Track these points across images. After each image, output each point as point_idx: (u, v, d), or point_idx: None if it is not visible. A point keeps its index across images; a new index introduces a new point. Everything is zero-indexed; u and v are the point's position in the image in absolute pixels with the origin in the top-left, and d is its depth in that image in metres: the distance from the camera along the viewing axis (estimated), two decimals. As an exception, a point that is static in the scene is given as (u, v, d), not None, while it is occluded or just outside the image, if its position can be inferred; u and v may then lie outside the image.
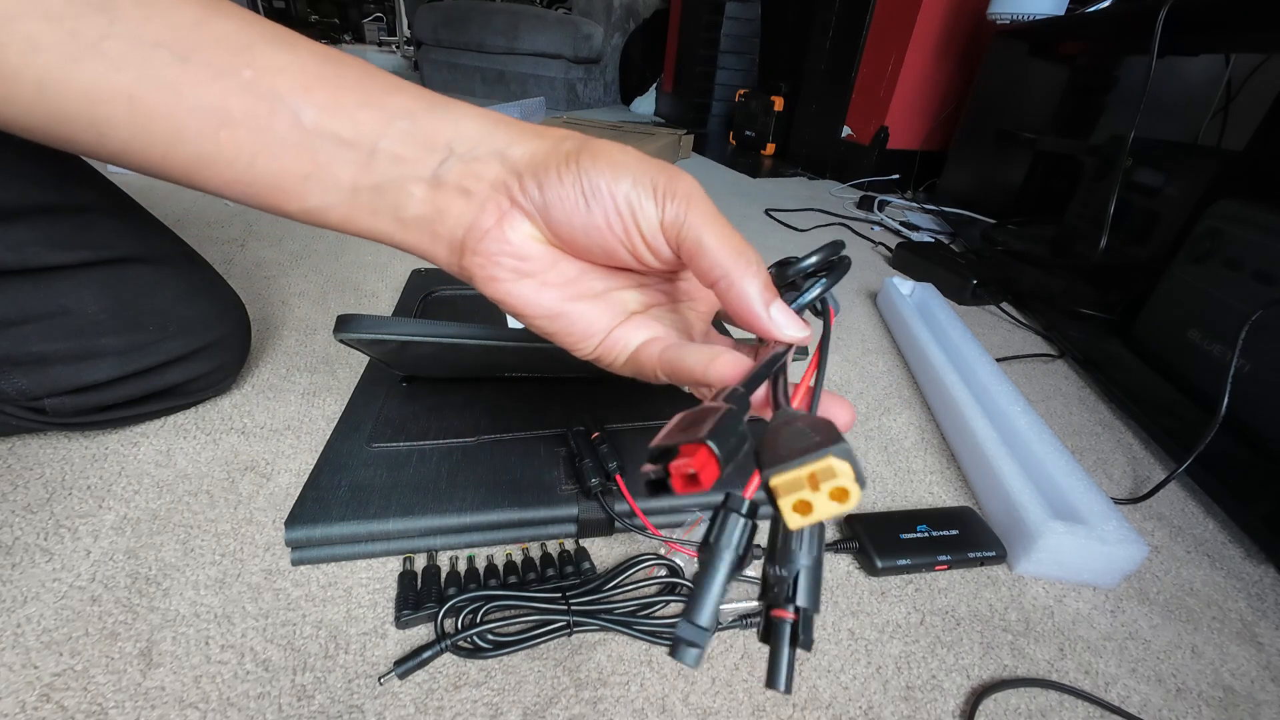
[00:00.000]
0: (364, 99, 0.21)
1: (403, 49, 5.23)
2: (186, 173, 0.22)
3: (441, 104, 0.22)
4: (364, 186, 0.21)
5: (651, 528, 0.35)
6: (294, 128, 0.20)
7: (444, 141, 0.21)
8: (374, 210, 0.22)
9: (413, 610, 0.30)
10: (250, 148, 0.21)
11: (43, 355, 0.35)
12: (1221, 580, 0.40)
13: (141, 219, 0.40)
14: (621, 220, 0.21)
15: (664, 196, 0.20)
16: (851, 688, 0.30)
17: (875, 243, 1.06)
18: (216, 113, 0.20)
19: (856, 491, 0.14)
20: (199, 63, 0.20)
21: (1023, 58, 1.13)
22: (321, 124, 0.20)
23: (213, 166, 0.21)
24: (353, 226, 0.23)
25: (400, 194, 0.22)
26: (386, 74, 0.22)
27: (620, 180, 0.20)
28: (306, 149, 0.21)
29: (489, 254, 0.22)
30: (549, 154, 0.21)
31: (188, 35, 0.20)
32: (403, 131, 0.21)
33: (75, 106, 0.20)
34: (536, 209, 0.21)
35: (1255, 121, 0.68)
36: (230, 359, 0.44)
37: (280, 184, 0.21)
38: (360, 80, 0.21)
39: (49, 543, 0.33)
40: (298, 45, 0.21)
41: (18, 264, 0.33)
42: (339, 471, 0.36)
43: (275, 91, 0.20)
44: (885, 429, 0.52)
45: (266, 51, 0.20)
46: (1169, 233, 0.77)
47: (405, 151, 0.21)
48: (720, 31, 2.03)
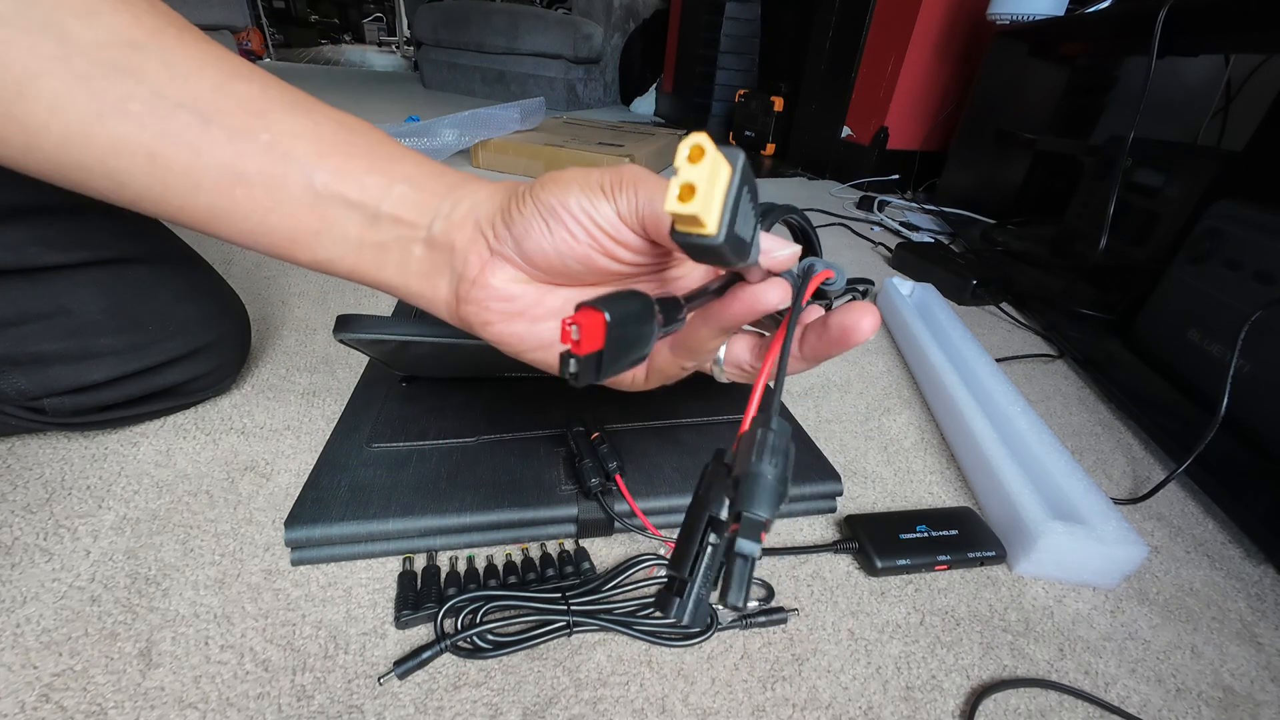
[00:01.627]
0: (371, 165, 0.23)
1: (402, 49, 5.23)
2: (202, 222, 0.23)
3: (439, 171, 0.24)
4: (369, 243, 0.23)
5: (651, 528, 0.35)
6: (306, 189, 0.22)
7: (435, 205, 0.23)
8: (379, 264, 0.24)
9: (412, 610, 0.30)
10: (264, 204, 0.22)
11: (42, 355, 0.35)
12: (1221, 580, 0.40)
13: (140, 219, 0.40)
14: (583, 227, 0.21)
15: (612, 190, 0.21)
16: (851, 688, 0.30)
17: (875, 243, 1.06)
18: (233, 171, 0.22)
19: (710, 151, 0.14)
20: (219, 125, 0.21)
21: (1022, 58, 1.13)
22: (332, 187, 0.22)
23: (228, 218, 0.23)
24: (360, 277, 0.25)
25: (402, 252, 0.24)
26: (394, 142, 0.24)
27: (569, 194, 0.21)
28: (317, 208, 0.23)
29: (478, 301, 0.23)
30: (508, 197, 0.22)
31: (209, 98, 0.21)
32: (402, 196, 0.23)
33: (96, 159, 0.21)
34: (512, 249, 0.22)
35: (1255, 122, 0.68)
36: (230, 359, 0.44)
37: (293, 237, 0.23)
38: (370, 148, 0.23)
39: (48, 543, 0.33)
40: (313, 111, 0.23)
41: (16, 264, 0.33)
42: (339, 471, 0.36)
43: (291, 156, 0.22)
44: (885, 429, 0.52)
45: (284, 118, 0.22)
46: (1169, 233, 0.77)
47: (404, 214, 0.23)
48: (720, 31, 2.03)
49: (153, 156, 0.21)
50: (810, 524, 0.40)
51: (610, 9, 2.54)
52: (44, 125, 0.20)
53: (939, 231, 1.13)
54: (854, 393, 0.57)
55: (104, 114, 0.20)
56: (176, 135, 0.21)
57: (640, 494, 0.36)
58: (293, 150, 0.22)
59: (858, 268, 0.93)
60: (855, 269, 0.92)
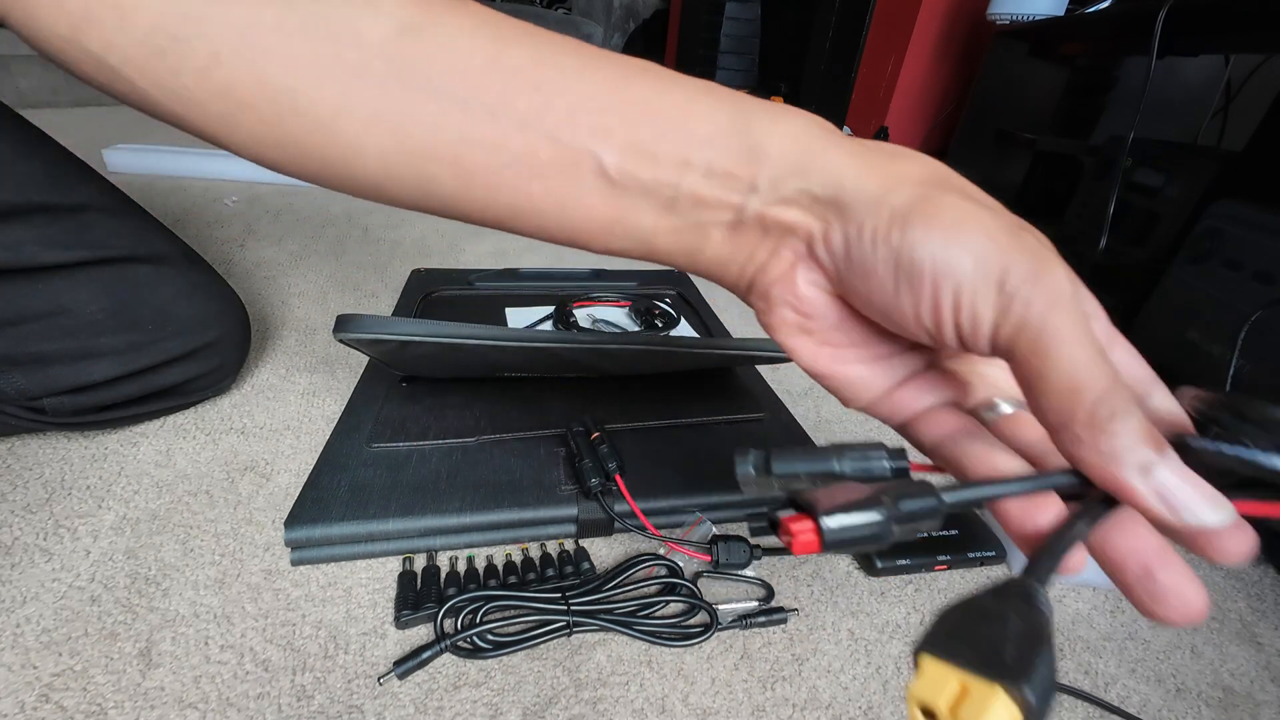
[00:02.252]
0: (660, 129, 0.19)
1: (402, 49, 5.22)
2: (500, 222, 0.21)
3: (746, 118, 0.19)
4: (663, 230, 0.20)
5: (651, 528, 0.35)
6: (599, 176, 0.19)
7: (748, 176, 0.18)
8: (670, 251, 0.21)
9: (412, 610, 0.30)
10: (559, 198, 0.20)
11: (42, 355, 0.35)
12: (1221, 580, 0.40)
13: (140, 218, 0.40)
14: (937, 313, 0.16)
15: (1010, 298, 0.15)
16: (851, 688, 0.30)
17: (875, 243, 1.06)
18: (528, 165, 0.19)
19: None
20: (505, 115, 0.19)
21: (1022, 58, 1.13)
22: (624, 167, 0.19)
23: (525, 216, 0.21)
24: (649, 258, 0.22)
25: (698, 237, 0.20)
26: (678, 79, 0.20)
27: (956, 261, 0.15)
28: (610, 197, 0.20)
29: (773, 299, 0.20)
30: (870, 205, 0.17)
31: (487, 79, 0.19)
32: (705, 168, 0.19)
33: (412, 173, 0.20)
34: (835, 266, 0.18)
35: (1255, 122, 0.68)
36: (230, 359, 0.44)
37: (588, 229, 0.21)
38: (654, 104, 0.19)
39: (48, 543, 0.33)
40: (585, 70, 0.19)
41: (16, 263, 0.33)
42: (339, 472, 0.36)
43: (577, 138, 0.19)
44: (885, 428, 0.52)
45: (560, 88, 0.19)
46: (1169, 233, 0.77)
47: (706, 192, 0.19)
48: (720, 31, 2.03)
49: (456, 161, 0.19)
50: (810, 524, 0.40)
51: (610, 9, 2.54)
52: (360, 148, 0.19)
53: (939, 231, 1.13)
54: (854, 393, 0.57)
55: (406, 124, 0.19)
56: (471, 134, 0.19)
57: (640, 494, 0.36)
58: (577, 130, 0.19)
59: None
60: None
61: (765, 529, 0.39)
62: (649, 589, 0.33)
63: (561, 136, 0.19)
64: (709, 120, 0.19)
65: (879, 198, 0.17)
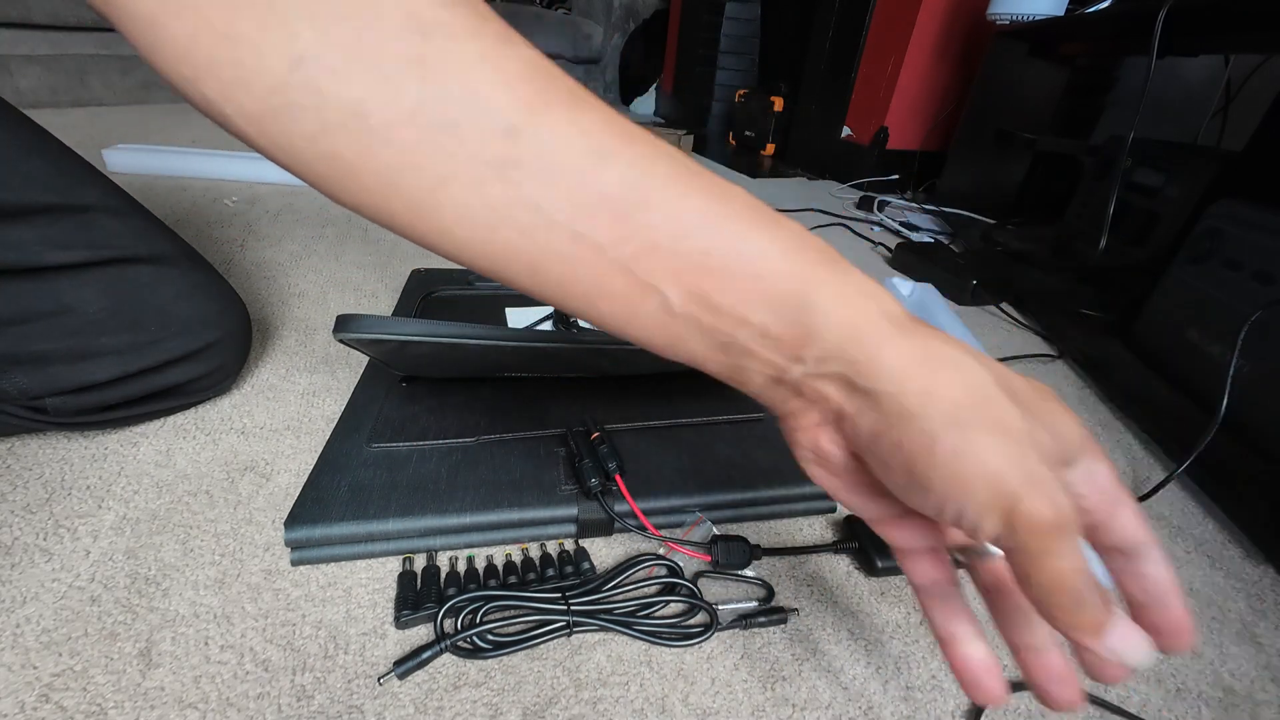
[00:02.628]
0: (728, 285, 0.20)
1: (403, 49, 5.22)
2: (571, 313, 0.22)
3: (809, 289, 0.19)
4: (713, 360, 0.21)
5: (651, 528, 0.35)
6: (663, 310, 0.20)
7: (797, 347, 0.20)
8: (717, 374, 0.22)
9: (412, 611, 0.30)
10: (623, 318, 0.21)
11: (43, 354, 0.35)
12: (1221, 581, 0.40)
13: (142, 219, 0.40)
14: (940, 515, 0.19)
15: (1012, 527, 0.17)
16: (851, 688, 0.30)
17: (875, 243, 1.06)
18: (599, 286, 0.20)
19: None
20: (587, 239, 0.19)
21: (1022, 58, 1.13)
22: (687, 310, 0.20)
23: (590, 318, 0.22)
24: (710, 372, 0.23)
25: (745, 376, 0.21)
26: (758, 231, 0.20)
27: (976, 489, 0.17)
28: (669, 327, 0.21)
29: (797, 441, 0.22)
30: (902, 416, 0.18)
31: (576, 198, 0.19)
32: (760, 329, 0.20)
33: (488, 263, 0.21)
34: (859, 443, 0.20)
35: (1255, 122, 0.68)
36: (230, 359, 0.44)
37: (645, 342, 0.22)
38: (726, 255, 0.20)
39: (48, 543, 0.33)
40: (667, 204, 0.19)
41: (18, 263, 0.33)
42: (339, 472, 0.36)
43: (651, 274, 0.20)
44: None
45: (641, 220, 0.19)
46: (1168, 233, 0.77)
47: (756, 348, 0.20)
48: (720, 31, 2.03)
49: (534, 268, 0.20)
50: (810, 524, 0.40)
51: (610, 9, 2.54)
52: (450, 230, 0.20)
53: (939, 231, 1.13)
54: (854, 393, 0.57)
55: (496, 225, 0.19)
56: (552, 247, 0.19)
57: (640, 494, 0.36)
58: (653, 267, 0.20)
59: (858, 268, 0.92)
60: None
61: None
62: (649, 589, 0.33)
63: (636, 270, 0.20)
64: (774, 283, 0.19)
65: (913, 412, 0.18)
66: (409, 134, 0.18)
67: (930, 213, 1.24)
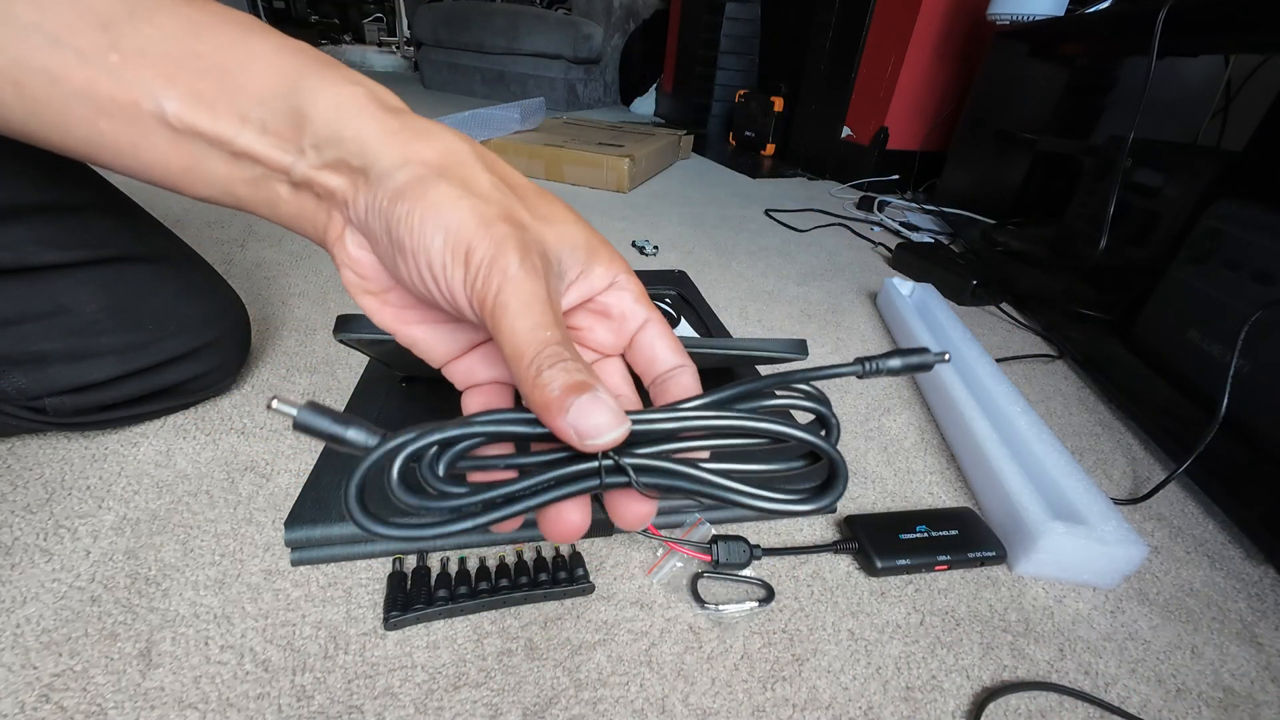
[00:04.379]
0: (220, 83, 0.19)
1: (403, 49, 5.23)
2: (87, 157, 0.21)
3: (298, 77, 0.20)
4: (238, 180, 0.21)
5: (651, 528, 0.35)
6: (161, 123, 0.20)
7: (296, 137, 0.19)
8: (255, 202, 0.21)
9: (401, 612, 0.30)
10: (130, 138, 0.20)
11: (42, 354, 0.35)
12: (1221, 581, 0.40)
13: (140, 219, 0.40)
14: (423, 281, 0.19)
15: (475, 274, 0.17)
16: (851, 688, 0.30)
17: (875, 243, 1.06)
18: (92, 102, 0.19)
19: None
20: (68, 46, 0.19)
21: (1022, 58, 1.13)
22: (184, 118, 0.19)
23: (104, 152, 0.21)
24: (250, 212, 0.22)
25: (270, 192, 0.21)
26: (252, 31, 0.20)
27: (429, 238, 0.18)
28: (178, 144, 0.20)
29: (337, 260, 0.21)
30: (380, 179, 0.18)
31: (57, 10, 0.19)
32: (259, 126, 0.19)
33: None
34: (363, 231, 0.20)
35: (1255, 122, 0.68)
36: (230, 358, 0.44)
37: (169, 175, 0.21)
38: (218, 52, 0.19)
39: (49, 543, 0.33)
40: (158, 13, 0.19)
41: (15, 263, 0.33)
42: (339, 472, 0.36)
43: (140, 80, 0.19)
44: (885, 429, 0.52)
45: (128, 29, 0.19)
46: (1169, 233, 0.77)
47: (262, 151, 0.20)
48: (720, 32, 2.03)
49: (18, 85, 0.19)
50: (810, 524, 0.40)
51: (610, 9, 2.54)
52: None
53: (939, 232, 1.13)
54: (854, 393, 0.57)
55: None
56: (31, 60, 0.19)
57: (640, 494, 0.36)
58: (140, 74, 0.19)
59: (858, 268, 0.93)
60: (855, 269, 0.92)
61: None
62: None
63: (123, 75, 0.19)
64: (266, 78, 0.19)
65: (388, 172, 0.18)
66: None
67: (930, 213, 1.24)
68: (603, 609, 0.32)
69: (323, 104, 0.19)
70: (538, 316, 0.17)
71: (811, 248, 1.00)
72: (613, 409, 0.17)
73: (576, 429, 0.16)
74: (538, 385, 0.17)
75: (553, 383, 0.17)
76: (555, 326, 0.18)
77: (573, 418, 0.16)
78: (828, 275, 0.88)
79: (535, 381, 0.17)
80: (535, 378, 0.17)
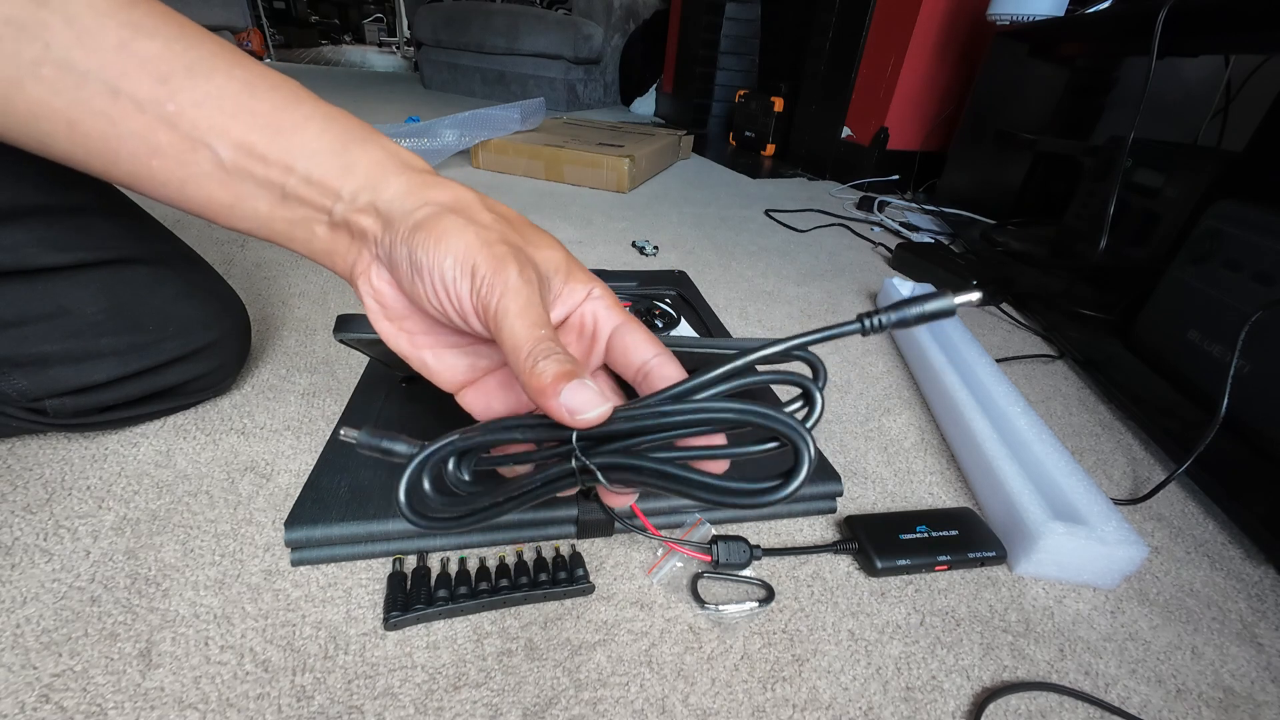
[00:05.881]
0: (274, 136, 0.23)
1: (403, 49, 5.24)
2: (126, 186, 0.24)
3: (345, 141, 0.24)
4: (279, 218, 0.24)
5: (651, 528, 0.35)
6: (215, 165, 0.23)
7: (337, 186, 0.23)
8: (291, 238, 0.25)
9: (401, 612, 0.30)
10: (179, 176, 0.23)
11: (43, 356, 0.35)
12: (1221, 581, 0.40)
13: (140, 220, 0.40)
14: (439, 298, 0.22)
15: (479, 288, 0.21)
16: (851, 688, 0.30)
17: (875, 243, 1.06)
18: (146, 143, 0.22)
19: None
20: (127, 94, 0.21)
21: (1022, 59, 1.13)
22: (238, 162, 0.23)
23: (149, 185, 0.23)
24: (283, 245, 0.25)
25: (307, 230, 0.24)
26: (302, 99, 0.24)
27: (441, 260, 0.21)
28: (227, 183, 0.23)
29: (361, 291, 0.25)
30: (402, 217, 0.22)
31: (114, 61, 0.21)
32: (304, 175, 0.23)
33: (21, 122, 0.22)
34: (387, 264, 0.23)
35: (1255, 122, 0.68)
36: (230, 359, 0.44)
37: (209, 208, 0.24)
38: (273, 113, 0.23)
39: (49, 543, 0.33)
40: (215, 74, 0.22)
41: (15, 265, 0.33)
42: (339, 472, 0.36)
43: (196, 128, 0.22)
44: (885, 429, 0.52)
45: (186, 84, 0.22)
46: (1169, 233, 0.77)
47: (307, 194, 0.23)
48: (720, 32, 2.03)
49: (72, 124, 0.22)
50: (810, 524, 0.40)
51: (610, 9, 2.54)
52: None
53: (939, 232, 1.13)
54: (854, 393, 0.57)
55: (22, 80, 0.21)
56: (89, 104, 0.21)
57: (640, 494, 0.36)
58: (197, 121, 0.22)
59: (858, 268, 0.93)
60: (855, 269, 0.92)
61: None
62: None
63: (180, 124, 0.22)
64: (318, 138, 0.23)
65: (409, 212, 0.22)
66: None
67: (930, 213, 1.24)
68: (603, 609, 0.32)
69: (364, 162, 0.24)
70: (534, 318, 0.21)
71: (811, 248, 1.00)
72: (596, 390, 0.20)
73: (568, 407, 0.20)
74: (534, 374, 0.20)
75: (547, 371, 0.20)
76: (548, 326, 0.21)
77: (564, 398, 0.19)
78: (828, 275, 0.88)
79: (532, 370, 0.20)
80: (532, 368, 0.20)
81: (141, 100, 0.21)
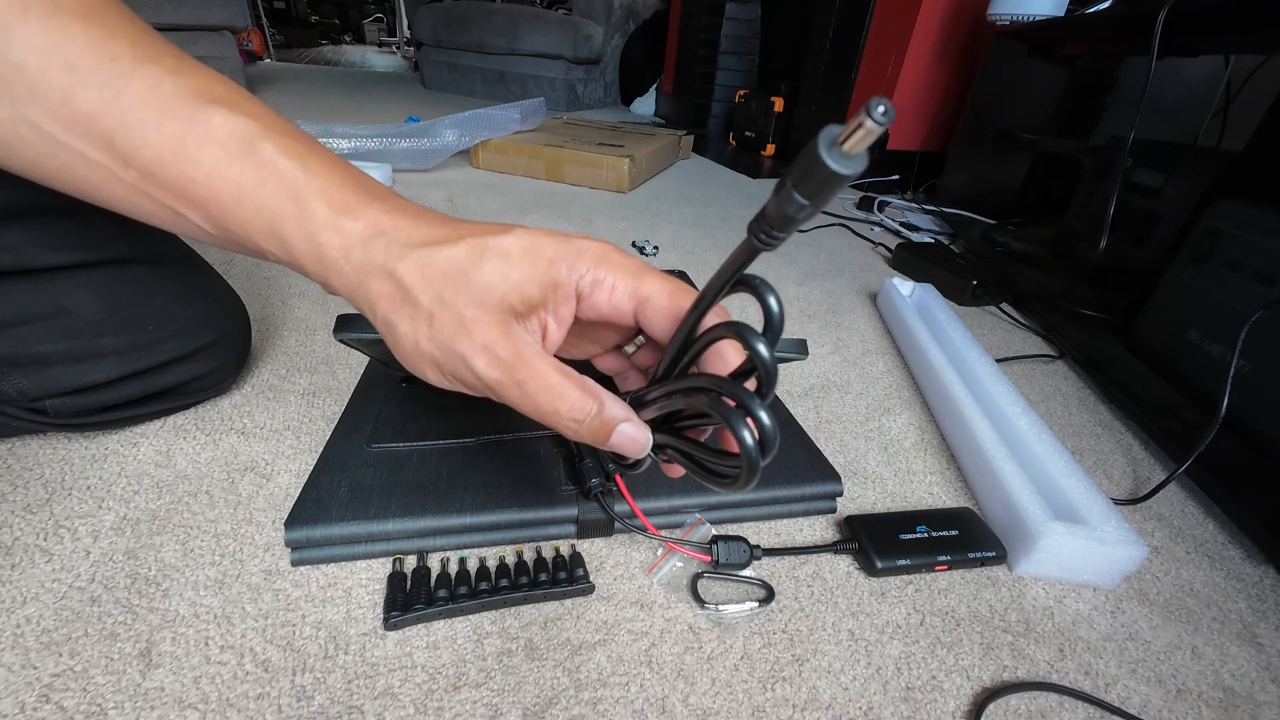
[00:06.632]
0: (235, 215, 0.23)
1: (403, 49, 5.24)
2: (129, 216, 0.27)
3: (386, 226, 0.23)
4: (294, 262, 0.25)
5: (651, 528, 0.35)
6: (202, 231, 0.25)
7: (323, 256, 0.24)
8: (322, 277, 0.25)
9: (401, 612, 0.30)
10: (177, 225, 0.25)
11: (43, 356, 0.35)
12: (1221, 581, 0.40)
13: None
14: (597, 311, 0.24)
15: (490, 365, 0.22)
16: (851, 688, 0.30)
17: (875, 243, 1.06)
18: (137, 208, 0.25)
19: None
20: (96, 160, 0.23)
21: (1022, 59, 1.13)
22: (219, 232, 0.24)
23: (152, 220, 0.26)
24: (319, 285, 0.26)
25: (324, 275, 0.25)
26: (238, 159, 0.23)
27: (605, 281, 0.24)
28: (228, 243, 0.25)
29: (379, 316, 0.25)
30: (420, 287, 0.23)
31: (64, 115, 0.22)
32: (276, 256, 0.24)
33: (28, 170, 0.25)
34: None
35: (1255, 122, 0.68)
36: (230, 359, 0.44)
37: (215, 245, 0.26)
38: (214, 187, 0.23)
39: (49, 543, 0.33)
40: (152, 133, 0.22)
41: (15, 265, 0.33)
42: (339, 472, 0.36)
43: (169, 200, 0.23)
44: (885, 429, 0.52)
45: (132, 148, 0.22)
46: (1169, 233, 0.77)
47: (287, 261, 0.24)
48: (720, 32, 2.03)
49: (74, 188, 0.25)
50: (810, 524, 0.40)
51: (610, 9, 2.54)
52: None
53: (939, 232, 1.13)
54: (854, 393, 0.57)
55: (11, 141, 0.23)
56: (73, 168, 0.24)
57: (640, 494, 0.36)
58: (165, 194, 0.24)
59: (858, 268, 0.93)
60: (856, 269, 0.92)
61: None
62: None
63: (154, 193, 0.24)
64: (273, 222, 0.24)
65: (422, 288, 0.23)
66: None
67: (930, 213, 1.24)
68: (603, 609, 0.32)
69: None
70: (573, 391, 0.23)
71: (811, 248, 1.00)
72: (634, 430, 0.24)
73: (623, 450, 0.24)
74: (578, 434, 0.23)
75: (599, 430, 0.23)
76: (581, 389, 0.23)
77: (615, 443, 0.24)
78: (828, 275, 0.88)
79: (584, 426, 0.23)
80: (578, 427, 0.23)
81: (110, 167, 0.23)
